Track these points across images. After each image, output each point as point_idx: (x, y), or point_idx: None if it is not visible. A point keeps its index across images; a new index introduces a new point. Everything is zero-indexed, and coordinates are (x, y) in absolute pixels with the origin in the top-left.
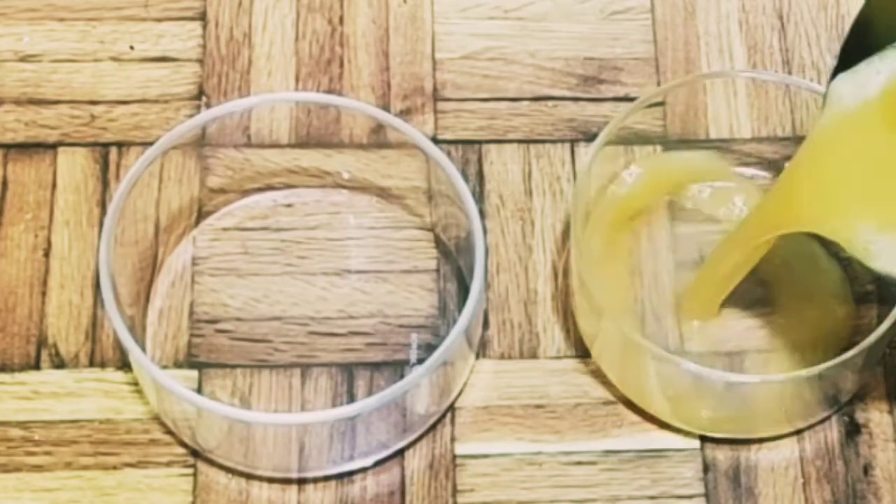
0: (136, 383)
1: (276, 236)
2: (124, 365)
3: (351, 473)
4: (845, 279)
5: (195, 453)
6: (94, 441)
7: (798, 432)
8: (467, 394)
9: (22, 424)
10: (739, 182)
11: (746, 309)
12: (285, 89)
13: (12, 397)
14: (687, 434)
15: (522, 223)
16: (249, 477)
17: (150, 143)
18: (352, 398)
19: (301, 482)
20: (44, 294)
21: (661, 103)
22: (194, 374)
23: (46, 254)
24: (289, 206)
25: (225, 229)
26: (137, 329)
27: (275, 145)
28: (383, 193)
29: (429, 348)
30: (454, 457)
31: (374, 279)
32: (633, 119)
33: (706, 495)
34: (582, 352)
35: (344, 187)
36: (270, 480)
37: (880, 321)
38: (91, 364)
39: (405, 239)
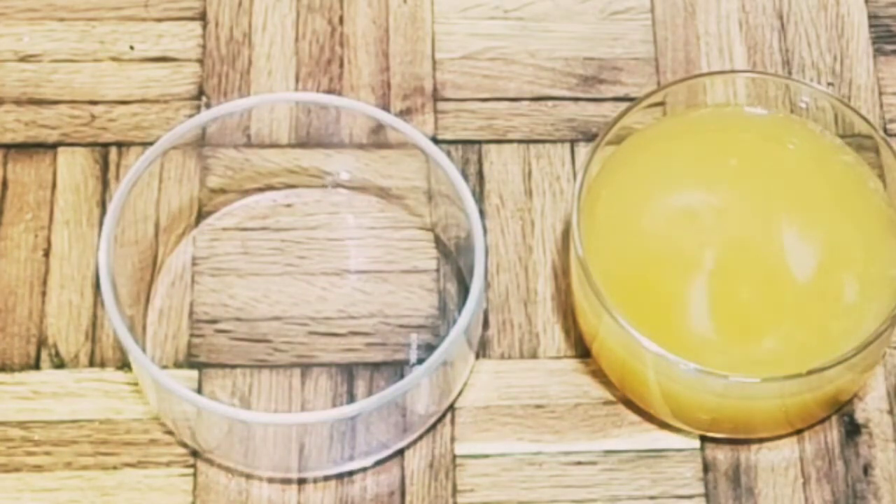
0: (136, 383)
1: (276, 236)
2: (124, 365)
3: (351, 473)
4: None
5: (195, 453)
6: (94, 441)
7: (798, 432)
8: (467, 394)
9: (22, 424)
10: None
11: None
12: (285, 89)
13: (12, 397)
14: (687, 434)
15: (522, 223)
16: (249, 477)
17: (150, 143)
18: (352, 398)
19: (301, 482)
20: (44, 294)
21: (661, 103)
22: (194, 374)
23: (46, 254)
24: (289, 206)
25: (225, 229)
26: (137, 329)
27: (275, 145)
28: (383, 193)
29: (429, 348)
30: (454, 457)
31: (374, 279)
32: (633, 119)
33: (706, 495)
34: (582, 352)
35: (344, 187)
36: (270, 480)
37: None
38: (91, 364)
39: (405, 239)
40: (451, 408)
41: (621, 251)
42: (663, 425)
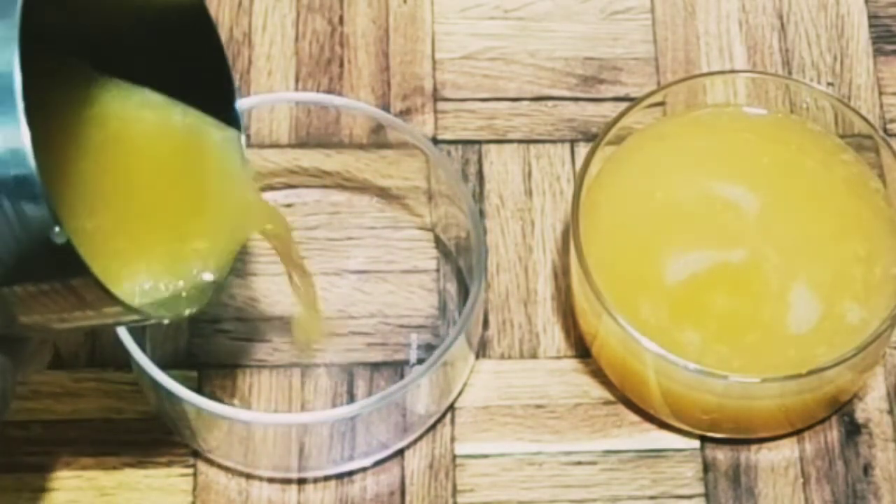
0: (136, 383)
1: None
2: (124, 365)
3: (351, 473)
4: None
5: (195, 453)
6: (94, 441)
7: (798, 432)
8: (467, 394)
9: (21, 424)
10: None
11: None
12: (285, 89)
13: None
14: (687, 434)
15: (522, 223)
16: (249, 477)
17: None
18: (352, 398)
19: (301, 482)
20: None
21: (661, 103)
22: (194, 374)
23: None
24: (289, 206)
25: None
26: (137, 329)
27: (275, 145)
28: (383, 193)
29: (429, 348)
30: (454, 457)
31: (374, 279)
32: (633, 119)
33: (706, 495)
34: (582, 352)
35: (344, 187)
36: (270, 480)
37: None
38: (91, 364)
39: (405, 239)
40: (451, 408)
41: (621, 251)
42: (663, 425)
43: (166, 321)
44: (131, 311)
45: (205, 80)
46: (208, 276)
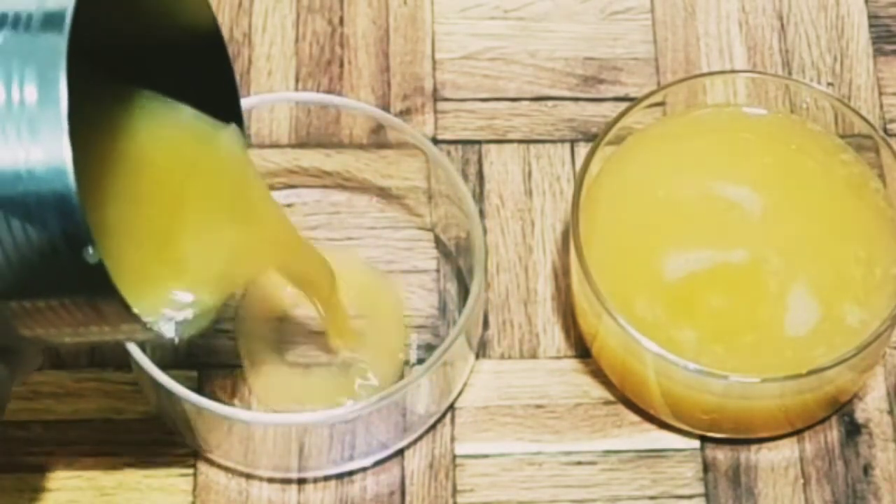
0: (136, 383)
1: None
2: (124, 365)
3: (351, 473)
4: None
5: (195, 453)
6: (94, 441)
7: (798, 432)
8: (467, 394)
9: (22, 424)
10: None
11: None
12: (285, 89)
13: (12, 397)
14: (687, 434)
15: (522, 223)
16: (249, 477)
17: None
18: (352, 398)
19: (301, 482)
20: None
21: (661, 103)
22: (194, 374)
23: None
24: (289, 206)
25: None
26: None
27: (275, 145)
28: (383, 193)
29: (429, 348)
30: (454, 457)
31: None
32: (633, 119)
33: (706, 495)
34: (582, 352)
35: (344, 187)
36: (270, 480)
37: None
38: (91, 364)
39: (405, 239)
40: (451, 408)
41: (621, 251)
42: (663, 425)
43: (175, 341)
44: (147, 331)
45: (205, 81)
46: (210, 301)
